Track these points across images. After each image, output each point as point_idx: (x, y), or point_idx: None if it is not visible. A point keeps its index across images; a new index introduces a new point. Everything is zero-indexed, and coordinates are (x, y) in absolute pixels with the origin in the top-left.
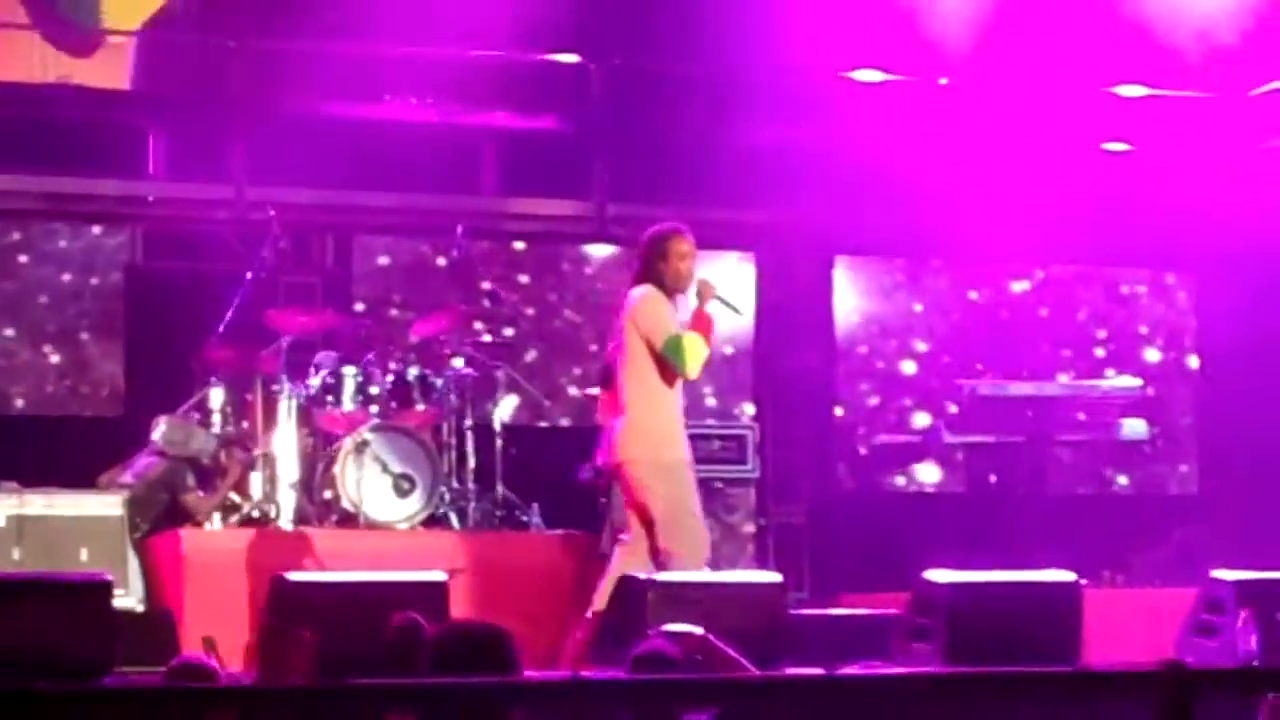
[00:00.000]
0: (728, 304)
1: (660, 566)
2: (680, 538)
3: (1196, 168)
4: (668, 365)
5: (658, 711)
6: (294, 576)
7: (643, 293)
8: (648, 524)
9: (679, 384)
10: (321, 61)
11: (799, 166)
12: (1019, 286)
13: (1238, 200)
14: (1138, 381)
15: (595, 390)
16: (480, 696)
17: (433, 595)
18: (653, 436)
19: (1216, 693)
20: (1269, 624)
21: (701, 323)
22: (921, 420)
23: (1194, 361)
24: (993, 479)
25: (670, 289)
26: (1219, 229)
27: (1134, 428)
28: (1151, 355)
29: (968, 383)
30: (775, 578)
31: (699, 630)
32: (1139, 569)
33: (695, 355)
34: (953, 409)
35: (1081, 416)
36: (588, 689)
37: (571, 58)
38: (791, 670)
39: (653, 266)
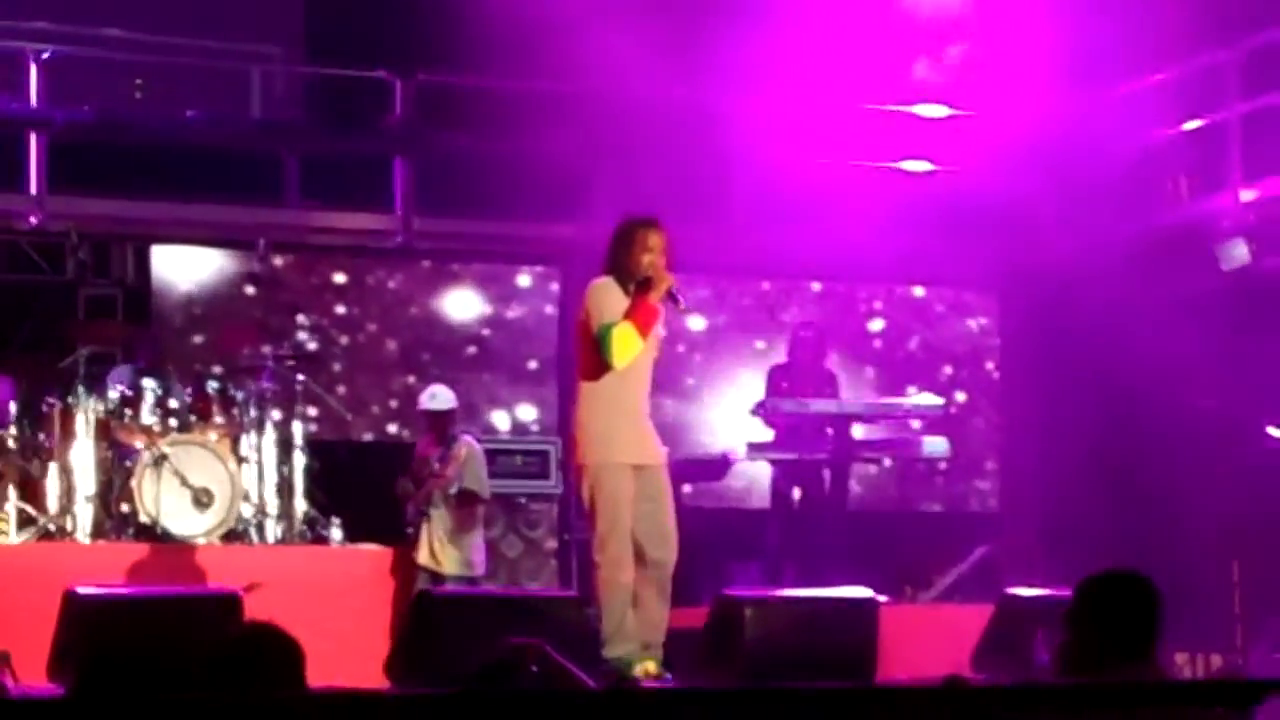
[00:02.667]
0: (676, 299)
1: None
2: (604, 550)
3: (998, 187)
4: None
5: None
6: (84, 590)
7: (594, 283)
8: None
9: (631, 379)
10: (120, 68)
11: (604, 181)
12: (825, 304)
13: (1039, 220)
14: (939, 400)
15: None
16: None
17: (227, 609)
18: (594, 438)
19: (1002, 709)
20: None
21: (640, 313)
22: (725, 436)
23: (994, 379)
24: (795, 496)
25: (632, 279)
26: (1021, 248)
27: (935, 445)
28: (953, 373)
29: (770, 400)
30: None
31: (536, 643)
32: (939, 585)
33: (623, 345)
34: (756, 426)
35: (883, 434)
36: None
37: (377, 72)
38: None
39: (615, 254)
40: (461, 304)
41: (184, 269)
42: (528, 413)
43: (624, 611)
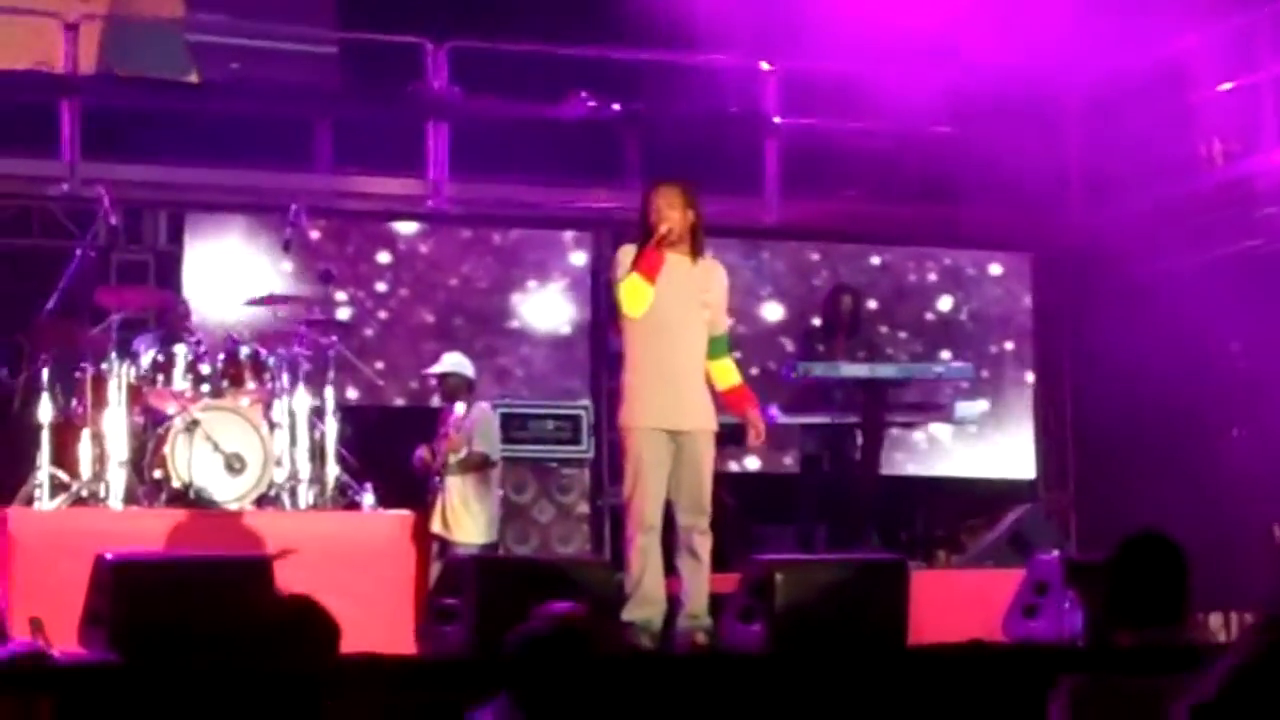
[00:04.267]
0: (665, 237)
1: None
2: (627, 511)
3: (1032, 151)
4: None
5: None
6: (115, 555)
7: (621, 248)
8: None
9: (665, 341)
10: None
11: (635, 145)
12: (855, 267)
13: (1074, 184)
14: (970, 365)
15: None
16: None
17: (258, 574)
18: (626, 399)
19: (1024, 671)
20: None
21: (642, 260)
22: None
23: (1030, 343)
24: (826, 460)
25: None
26: (1056, 213)
27: (968, 410)
28: (987, 337)
29: (802, 364)
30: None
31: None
32: (972, 550)
33: (630, 294)
34: (787, 390)
35: (916, 398)
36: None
37: (410, 36)
38: None
39: (641, 219)
40: (494, 270)
41: (216, 234)
42: (560, 378)
43: (642, 574)
